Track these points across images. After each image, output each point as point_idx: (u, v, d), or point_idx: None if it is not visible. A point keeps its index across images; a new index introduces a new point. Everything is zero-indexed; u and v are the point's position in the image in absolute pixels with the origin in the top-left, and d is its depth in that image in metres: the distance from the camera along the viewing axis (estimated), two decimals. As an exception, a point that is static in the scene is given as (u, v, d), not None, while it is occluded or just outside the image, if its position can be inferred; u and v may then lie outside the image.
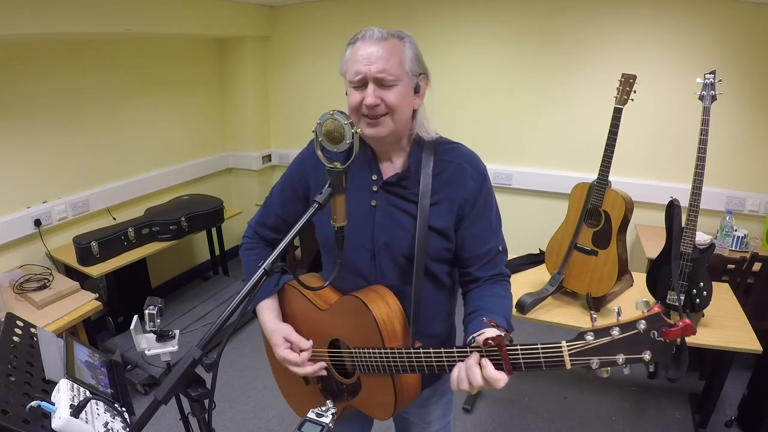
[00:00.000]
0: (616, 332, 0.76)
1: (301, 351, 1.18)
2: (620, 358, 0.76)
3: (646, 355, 0.74)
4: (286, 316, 1.28)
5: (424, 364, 1.01)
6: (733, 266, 2.46)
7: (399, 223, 1.13)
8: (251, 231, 1.34)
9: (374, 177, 1.15)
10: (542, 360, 0.83)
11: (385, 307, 1.10)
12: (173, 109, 3.58)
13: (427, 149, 1.13)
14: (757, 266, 2.44)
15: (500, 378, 0.87)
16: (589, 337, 0.78)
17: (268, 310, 1.26)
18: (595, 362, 0.78)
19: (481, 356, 0.90)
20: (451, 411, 1.39)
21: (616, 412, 2.51)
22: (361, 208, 1.14)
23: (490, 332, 0.92)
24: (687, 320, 0.72)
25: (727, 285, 2.35)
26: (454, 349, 0.96)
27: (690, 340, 1.93)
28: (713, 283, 1.96)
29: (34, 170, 2.73)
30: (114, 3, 2.64)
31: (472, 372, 0.89)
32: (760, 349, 1.88)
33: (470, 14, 3.25)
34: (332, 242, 1.16)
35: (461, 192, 1.12)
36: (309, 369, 1.18)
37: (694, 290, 1.95)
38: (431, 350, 1.00)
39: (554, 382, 2.73)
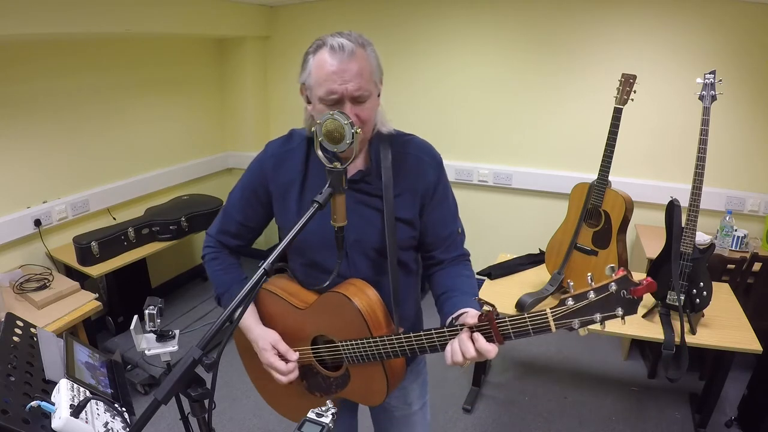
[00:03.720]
0: (592, 295, 0.86)
1: (288, 362, 1.19)
2: (597, 316, 0.86)
3: (619, 311, 0.85)
4: (264, 319, 1.27)
5: (416, 346, 1.06)
6: (733, 266, 2.45)
7: (366, 218, 1.15)
8: (212, 240, 1.32)
9: None
10: (530, 327, 0.91)
11: (365, 298, 1.13)
12: (173, 109, 3.58)
13: (383, 143, 1.15)
14: (757, 266, 2.43)
15: (491, 349, 0.94)
16: (570, 302, 0.88)
17: (248, 317, 1.24)
18: (576, 323, 0.88)
19: (472, 331, 0.96)
20: (427, 391, 1.44)
21: (616, 412, 2.51)
22: (328, 209, 1.14)
23: (475, 311, 1.00)
24: (649, 278, 0.82)
25: (727, 285, 2.35)
26: (445, 329, 1.02)
27: (690, 340, 1.93)
28: (713, 283, 1.96)
29: (34, 170, 2.73)
30: (114, 3, 2.64)
31: (465, 345, 0.95)
32: (760, 349, 1.88)
33: (470, 15, 3.25)
34: (306, 242, 1.18)
35: (422, 182, 1.16)
36: (292, 377, 1.21)
37: (694, 290, 1.95)
38: (422, 333, 1.04)
39: (554, 382, 2.73)
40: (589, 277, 0.87)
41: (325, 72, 1.01)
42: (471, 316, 0.99)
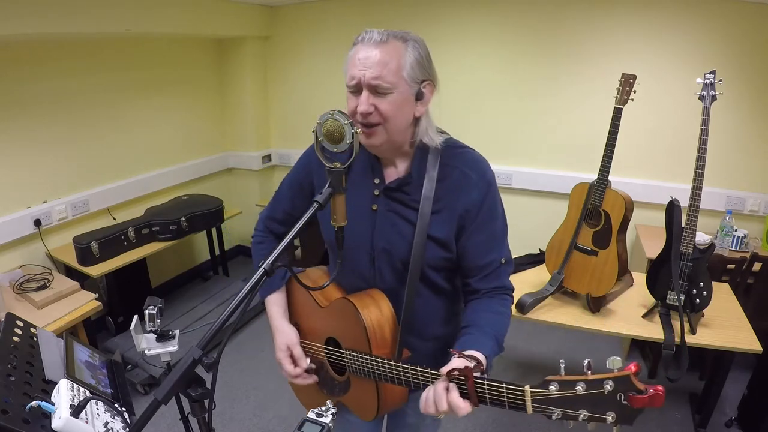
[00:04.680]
0: (580, 388, 0.73)
1: (297, 366, 1.21)
2: (582, 414, 0.73)
3: (610, 417, 0.71)
4: (291, 309, 1.31)
5: (402, 378, 1.02)
6: (733, 266, 2.45)
7: (398, 229, 1.12)
8: (261, 224, 1.37)
9: (377, 181, 1.14)
10: (506, 400, 0.83)
11: (377, 313, 1.11)
12: (173, 109, 3.58)
13: (432, 153, 1.10)
14: (757, 266, 2.43)
15: (462, 407, 0.87)
16: (553, 388, 0.75)
17: (276, 304, 1.28)
18: (557, 413, 0.76)
19: (450, 381, 0.89)
20: None
21: (616, 412, 2.51)
22: (362, 212, 1.13)
23: (458, 362, 0.90)
24: (659, 388, 0.68)
25: (727, 285, 2.35)
26: (429, 371, 0.97)
27: (690, 340, 1.93)
28: (713, 283, 1.96)
29: (34, 170, 2.73)
30: (114, 3, 2.64)
31: (438, 396, 0.89)
32: (760, 349, 1.88)
33: (471, 16, 3.25)
34: (333, 242, 1.18)
35: (464, 201, 1.08)
36: (298, 381, 1.22)
37: (694, 290, 1.95)
38: (409, 367, 1.00)
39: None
40: (585, 364, 0.74)
41: (352, 59, 1.02)
42: (450, 366, 0.90)
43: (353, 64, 1.01)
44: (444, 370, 0.90)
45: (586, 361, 0.74)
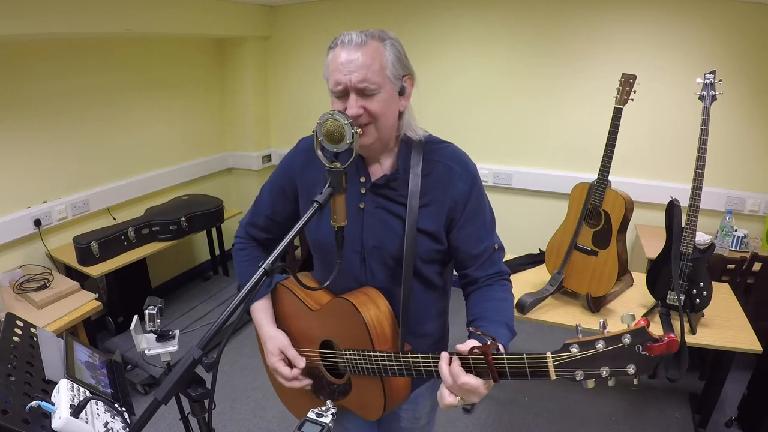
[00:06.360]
0: (600, 345, 0.76)
1: (293, 368, 1.20)
2: (605, 370, 0.77)
3: (631, 369, 0.75)
4: (278, 316, 1.28)
5: (412, 368, 1.02)
6: (733, 266, 2.45)
7: (388, 225, 1.12)
8: (242, 231, 1.34)
9: (362, 179, 1.14)
10: (528, 370, 0.85)
11: (375, 309, 1.10)
12: (173, 109, 3.58)
13: (416, 149, 1.12)
14: (757, 266, 2.44)
15: (477, 383, 0.88)
16: (574, 350, 0.78)
17: (262, 311, 1.27)
18: (579, 374, 0.79)
19: (462, 362, 0.90)
20: (438, 406, 1.41)
21: (616, 412, 2.51)
22: (349, 211, 1.12)
23: (474, 342, 0.91)
24: (672, 335, 0.72)
25: (727, 285, 2.35)
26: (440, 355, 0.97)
27: (690, 340, 1.93)
28: (713, 283, 1.96)
29: (34, 170, 2.73)
30: (114, 3, 2.64)
31: (456, 373, 0.89)
32: (760, 349, 1.88)
33: (470, 16, 3.25)
34: (323, 243, 1.18)
35: (451, 194, 1.11)
36: (296, 384, 1.21)
37: (694, 290, 1.95)
38: (419, 355, 1.00)
39: (554, 382, 2.71)
40: (601, 323, 0.78)
41: (334, 64, 1.02)
42: (469, 344, 0.92)
43: (336, 69, 1.01)
44: (462, 348, 0.91)
45: (601, 320, 0.78)
